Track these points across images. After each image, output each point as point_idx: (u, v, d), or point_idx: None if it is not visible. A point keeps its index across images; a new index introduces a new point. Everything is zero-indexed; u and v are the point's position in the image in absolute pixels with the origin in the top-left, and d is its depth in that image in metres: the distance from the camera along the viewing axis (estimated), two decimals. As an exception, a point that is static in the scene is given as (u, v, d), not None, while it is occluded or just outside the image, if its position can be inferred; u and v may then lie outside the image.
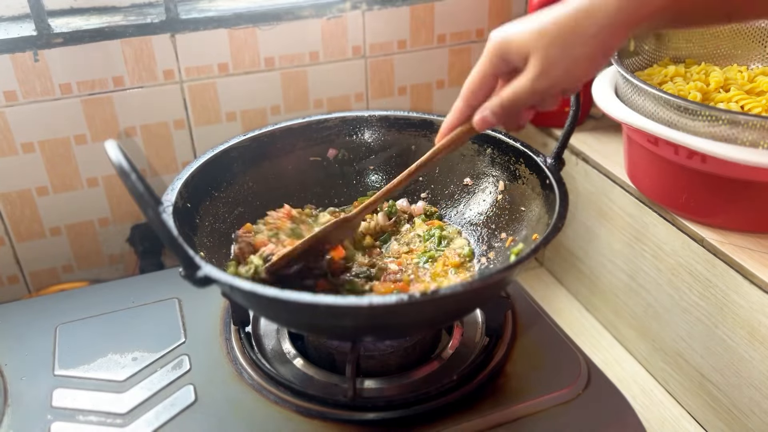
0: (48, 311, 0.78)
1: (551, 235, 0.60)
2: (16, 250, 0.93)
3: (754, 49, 0.87)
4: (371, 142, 0.83)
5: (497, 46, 0.54)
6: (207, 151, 0.74)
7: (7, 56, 0.82)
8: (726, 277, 0.71)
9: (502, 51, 0.54)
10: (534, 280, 1.05)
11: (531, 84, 0.52)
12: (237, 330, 0.73)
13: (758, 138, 0.66)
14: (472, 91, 0.57)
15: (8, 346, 0.73)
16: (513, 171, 0.75)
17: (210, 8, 0.90)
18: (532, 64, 0.52)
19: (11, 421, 0.64)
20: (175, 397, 0.66)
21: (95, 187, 0.93)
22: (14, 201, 0.90)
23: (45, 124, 0.87)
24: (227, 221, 0.74)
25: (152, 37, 0.87)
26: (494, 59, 0.54)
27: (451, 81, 1.06)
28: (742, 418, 0.72)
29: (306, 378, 0.68)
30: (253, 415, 0.64)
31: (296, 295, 0.53)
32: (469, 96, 0.57)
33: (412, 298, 0.52)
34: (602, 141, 0.95)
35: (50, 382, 0.69)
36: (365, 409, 0.64)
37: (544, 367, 0.69)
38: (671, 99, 0.70)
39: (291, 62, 0.95)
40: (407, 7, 0.97)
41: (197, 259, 0.55)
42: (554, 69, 0.51)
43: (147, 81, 0.89)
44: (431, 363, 0.70)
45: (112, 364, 0.70)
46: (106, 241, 0.97)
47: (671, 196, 0.77)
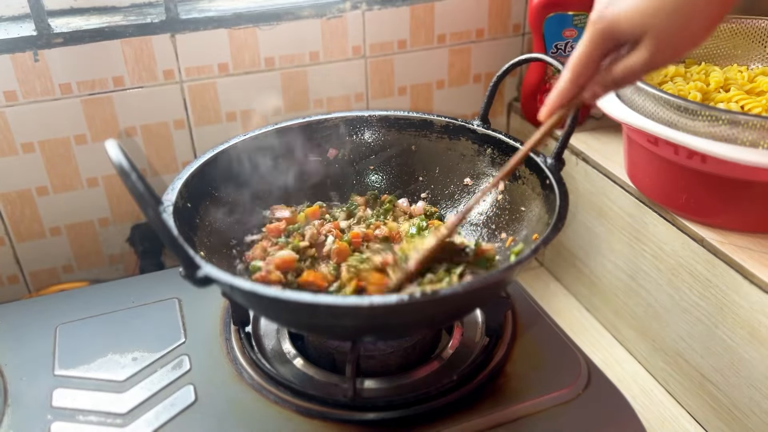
0: (48, 311, 0.78)
1: (551, 235, 0.60)
2: (16, 250, 0.93)
3: (754, 49, 0.87)
4: (371, 142, 0.83)
5: (606, 27, 0.52)
6: (207, 151, 0.74)
7: (7, 56, 0.82)
8: (726, 277, 0.71)
9: (611, 32, 0.52)
10: (534, 280, 1.05)
11: (648, 62, 0.51)
12: (237, 330, 0.73)
13: (758, 138, 0.66)
14: (580, 71, 0.55)
15: (8, 346, 0.73)
16: (513, 171, 0.75)
17: (210, 8, 0.90)
18: (649, 43, 0.50)
19: (11, 421, 0.64)
20: (175, 397, 0.66)
21: (95, 187, 0.93)
22: (14, 201, 0.90)
23: (45, 124, 0.87)
24: (227, 221, 0.74)
25: (152, 37, 0.87)
26: (603, 40, 0.52)
27: (451, 81, 1.06)
28: (742, 418, 0.72)
29: (306, 378, 0.68)
30: (253, 415, 0.64)
31: (296, 294, 0.53)
32: (577, 77, 0.55)
33: (413, 298, 0.52)
34: (602, 141, 0.95)
35: (50, 382, 0.69)
36: (365, 409, 0.64)
37: (544, 367, 0.69)
38: (671, 99, 0.70)
39: (291, 62, 0.95)
40: (407, 7, 0.97)
41: (197, 258, 0.55)
42: (670, 45, 0.50)
43: (147, 81, 0.89)
44: (431, 363, 0.70)
45: (112, 364, 0.70)
46: (106, 241, 0.97)
47: (671, 196, 0.77)
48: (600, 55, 0.54)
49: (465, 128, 0.80)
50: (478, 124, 0.79)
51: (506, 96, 1.12)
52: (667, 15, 0.49)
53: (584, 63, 0.54)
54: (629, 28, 0.50)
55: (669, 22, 0.49)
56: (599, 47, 0.53)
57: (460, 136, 0.81)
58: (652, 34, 0.50)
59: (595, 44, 0.53)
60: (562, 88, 0.57)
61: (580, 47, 0.54)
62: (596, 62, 0.54)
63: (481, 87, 1.08)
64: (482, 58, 1.06)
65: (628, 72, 0.53)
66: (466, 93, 1.08)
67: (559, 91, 0.57)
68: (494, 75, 0.77)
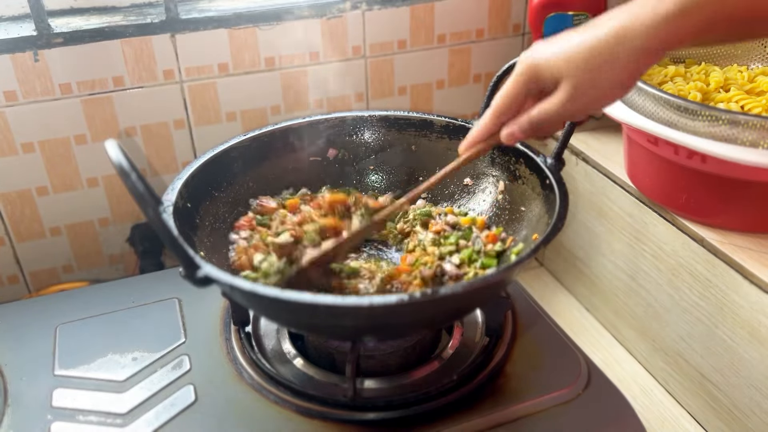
0: (48, 311, 0.78)
1: (551, 235, 0.60)
2: (16, 250, 0.93)
3: (754, 49, 0.88)
4: (371, 142, 0.83)
5: (529, 69, 0.55)
6: (207, 151, 0.74)
7: (7, 56, 0.82)
8: (726, 277, 0.71)
9: (533, 74, 0.55)
10: (534, 280, 1.05)
11: (560, 107, 0.54)
12: (237, 330, 0.73)
13: (758, 138, 0.66)
14: (502, 109, 0.58)
15: (8, 346, 0.73)
16: (513, 171, 0.75)
17: (210, 8, 0.90)
18: (563, 90, 0.53)
19: (11, 421, 0.64)
20: (175, 397, 0.66)
21: (95, 187, 0.93)
22: (14, 201, 0.90)
23: (45, 124, 0.87)
24: (227, 221, 0.74)
25: (152, 37, 0.87)
26: (526, 81, 0.56)
27: (451, 81, 1.06)
28: (742, 418, 0.72)
29: (306, 378, 0.68)
30: (253, 415, 0.64)
31: (296, 295, 0.53)
32: (499, 114, 0.59)
33: (412, 298, 0.52)
34: (602, 141, 0.95)
35: (50, 382, 0.69)
36: (365, 409, 0.64)
37: (544, 367, 0.69)
38: (671, 99, 0.70)
39: (291, 62, 0.95)
40: (407, 7, 0.97)
41: (197, 258, 0.55)
42: (584, 95, 0.53)
43: (147, 81, 0.89)
44: (431, 363, 0.70)
45: (112, 364, 0.70)
46: (106, 241, 0.97)
47: (671, 196, 0.77)
48: (523, 94, 0.57)
49: (465, 128, 0.80)
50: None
51: (506, 96, 1.12)
52: (582, 66, 0.52)
53: (508, 101, 0.57)
54: (548, 73, 0.54)
55: (581, 74, 0.52)
56: (523, 87, 0.56)
57: (460, 136, 0.80)
58: (565, 82, 0.53)
59: (518, 84, 0.56)
60: (484, 123, 0.60)
61: (505, 87, 0.57)
62: (519, 102, 0.58)
63: (481, 87, 1.08)
64: (482, 58, 1.06)
65: (542, 114, 0.56)
66: (466, 93, 1.08)
67: (480, 126, 0.61)
68: (494, 75, 0.77)
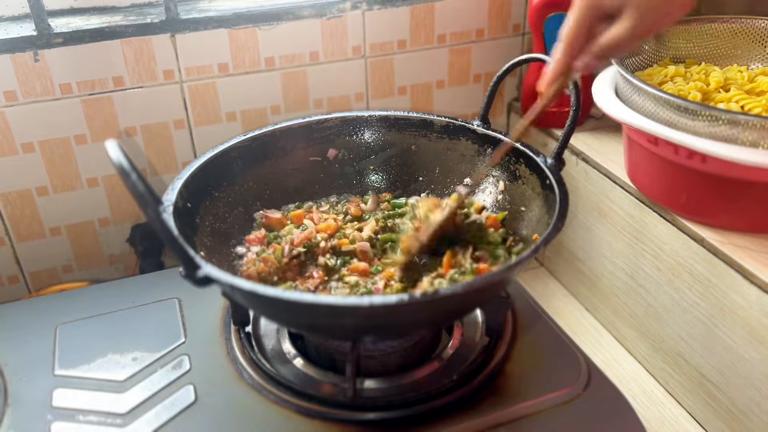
0: (48, 311, 0.78)
1: (551, 235, 0.60)
2: (16, 250, 0.93)
3: (754, 49, 0.87)
4: (371, 142, 0.83)
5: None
6: (207, 151, 0.74)
7: (8, 56, 0.82)
8: (726, 277, 0.71)
9: (596, 3, 0.57)
10: (534, 280, 1.05)
11: (630, 31, 0.56)
12: (237, 330, 0.73)
13: (758, 138, 0.66)
14: (572, 41, 0.60)
15: (8, 347, 0.73)
16: (513, 171, 0.76)
17: (210, 8, 0.90)
18: (629, 14, 0.55)
19: (11, 421, 0.64)
20: (175, 397, 0.66)
21: (95, 187, 0.93)
22: (14, 201, 0.90)
23: (45, 124, 0.87)
24: (227, 221, 0.74)
25: (152, 37, 0.87)
26: (590, 10, 0.58)
27: (451, 81, 1.06)
28: (741, 417, 0.72)
29: (306, 378, 0.68)
30: (253, 415, 0.64)
31: (297, 294, 0.53)
32: (570, 46, 0.60)
33: (412, 298, 0.52)
34: (602, 141, 0.95)
35: (50, 382, 0.69)
36: (365, 409, 0.64)
37: (543, 367, 0.69)
38: (671, 99, 0.70)
39: (291, 62, 0.95)
40: (407, 7, 0.97)
41: (197, 258, 0.55)
42: (650, 14, 0.55)
43: (147, 81, 0.89)
44: (431, 363, 0.70)
45: (112, 364, 0.71)
46: (106, 241, 0.97)
47: (671, 196, 0.77)
48: (588, 24, 0.59)
49: (465, 128, 0.80)
50: (478, 124, 0.79)
51: (506, 96, 1.12)
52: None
53: (575, 33, 0.59)
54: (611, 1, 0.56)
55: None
56: (587, 18, 0.58)
57: (460, 136, 0.81)
58: (632, 5, 0.55)
59: (582, 15, 0.59)
60: (557, 58, 0.62)
61: (570, 19, 0.59)
62: (585, 32, 0.59)
63: (481, 87, 1.08)
64: (482, 57, 1.06)
65: (612, 41, 0.58)
66: (466, 93, 1.08)
67: (555, 62, 0.62)
68: (494, 75, 0.78)
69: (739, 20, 0.87)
